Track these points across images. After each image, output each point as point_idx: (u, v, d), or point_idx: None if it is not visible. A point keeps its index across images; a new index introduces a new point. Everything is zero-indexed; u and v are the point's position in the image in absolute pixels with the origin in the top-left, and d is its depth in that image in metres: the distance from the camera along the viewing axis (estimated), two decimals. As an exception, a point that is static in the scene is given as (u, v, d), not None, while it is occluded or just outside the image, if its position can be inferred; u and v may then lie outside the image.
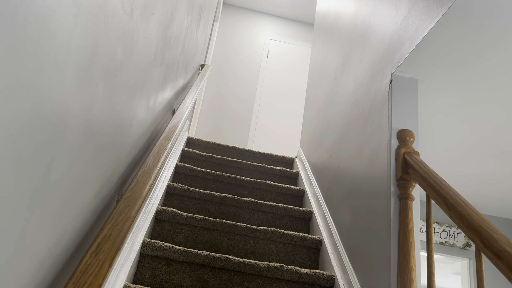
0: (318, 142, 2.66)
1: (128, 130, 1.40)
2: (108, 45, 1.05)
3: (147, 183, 1.32)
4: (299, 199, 2.55)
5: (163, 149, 1.61)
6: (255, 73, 5.13)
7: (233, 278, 1.63)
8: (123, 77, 1.23)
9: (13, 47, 0.62)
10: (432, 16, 1.30)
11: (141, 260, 1.60)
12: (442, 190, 1.14)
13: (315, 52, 3.52)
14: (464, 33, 1.32)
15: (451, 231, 3.31)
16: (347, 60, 2.30)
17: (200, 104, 4.40)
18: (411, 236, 1.27)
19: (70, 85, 0.85)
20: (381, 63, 1.70)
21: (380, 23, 1.82)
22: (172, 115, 2.32)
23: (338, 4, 2.89)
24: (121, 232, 1.06)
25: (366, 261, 1.47)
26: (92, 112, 1.01)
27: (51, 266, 0.92)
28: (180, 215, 1.89)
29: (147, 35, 1.43)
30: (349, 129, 1.99)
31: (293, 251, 1.93)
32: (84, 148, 1.00)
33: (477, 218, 0.97)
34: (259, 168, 2.78)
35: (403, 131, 1.44)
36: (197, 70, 3.27)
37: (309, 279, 1.66)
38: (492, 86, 1.57)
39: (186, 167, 2.44)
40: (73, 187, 0.97)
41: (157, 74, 1.72)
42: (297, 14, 5.41)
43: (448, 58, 1.44)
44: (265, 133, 4.82)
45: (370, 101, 1.74)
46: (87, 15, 0.88)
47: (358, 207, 1.66)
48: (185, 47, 2.41)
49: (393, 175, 1.40)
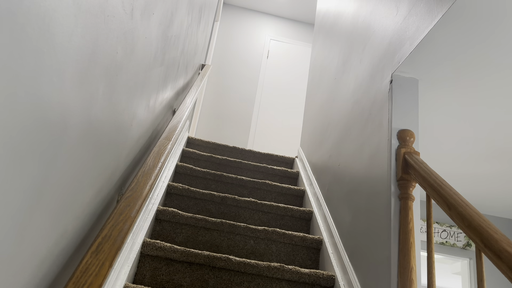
0: (319, 142, 2.66)
1: (128, 130, 1.40)
2: (109, 45, 1.05)
3: (148, 183, 1.32)
4: (299, 199, 2.55)
5: (164, 149, 1.61)
6: (255, 73, 5.13)
7: (234, 278, 1.63)
8: (123, 77, 1.23)
9: (14, 47, 0.62)
10: (433, 16, 1.29)
11: (141, 260, 1.60)
12: (443, 190, 1.14)
13: (316, 52, 3.52)
14: (464, 33, 1.32)
15: (452, 231, 3.31)
16: (347, 60, 2.30)
17: (200, 104, 4.39)
18: (412, 236, 1.27)
19: (70, 85, 0.85)
20: (381, 63, 1.70)
21: (380, 23, 1.82)
22: (173, 115, 2.32)
23: (338, 4, 2.89)
24: (121, 232, 1.06)
25: (367, 261, 1.47)
26: (92, 112, 1.01)
27: (52, 266, 0.92)
28: (180, 215, 1.89)
29: (148, 35, 1.43)
30: (350, 129, 1.99)
31: (293, 251, 1.93)
32: (84, 148, 1.00)
33: (477, 218, 0.97)
34: (259, 168, 2.78)
35: (403, 131, 1.44)
36: (197, 70, 3.27)
37: (310, 279, 1.66)
38: (492, 86, 1.57)
39: (186, 167, 2.45)
40: (73, 187, 0.97)
41: (157, 74, 1.72)
42: (298, 14, 5.41)
43: (448, 58, 1.44)
44: (265, 133, 4.82)
45: (371, 101, 1.74)
46: (87, 15, 0.88)
47: (358, 207, 1.66)
48: (186, 47, 2.41)
49: (393, 175, 1.40)
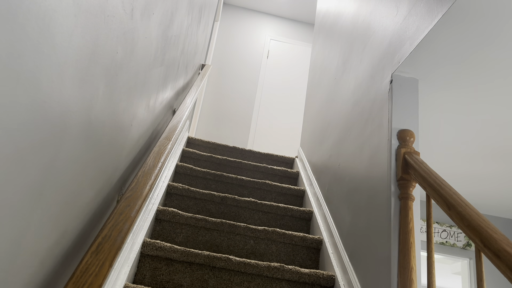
0: (319, 142, 2.66)
1: (128, 130, 1.40)
2: (109, 45, 1.05)
3: (148, 183, 1.33)
4: (299, 199, 2.55)
5: (164, 149, 1.61)
6: (255, 73, 5.13)
7: (234, 278, 1.63)
8: (123, 77, 1.23)
9: (14, 47, 0.62)
10: (433, 16, 1.29)
11: (141, 260, 1.60)
12: (442, 190, 1.14)
13: (316, 52, 3.52)
14: (464, 32, 1.32)
15: (451, 231, 3.31)
16: (347, 60, 2.30)
17: (200, 104, 4.40)
18: (412, 236, 1.27)
19: (70, 85, 0.85)
20: (381, 63, 1.70)
21: (380, 23, 1.82)
22: (173, 115, 2.32)
23: (338, 4, 2.89)
24: (121, 232, 1.06)
25: (367, 261, 1.47)
26: (92, 112, 1.01)
27: (52, 265, 0.92)
28: (180, 215, 1.89)
29: (148, 35, 1.43)
30: (350, 129, 1.99)
31: (293, 251, 1.93)
32: (84, 148, 1.00)
33: (477, 218, 0.97)
34: (259, 168, 2.78)
35: (403, 131, 1.44)
36: (197, 70, 3.27)
37: (310, 279, 1.66)
38: (492, 86, 1.57)
39: (186, 167, 2.45)
40: (73, 187, 0.97)
41: (157, 74, 1.72)
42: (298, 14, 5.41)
43: (448, 58, 1.44)
44: (265, 133, 4.82)
45: (371, 101, 1.74)
46: (87, 15, 0.88)
47: (358, 207, 1.66)
48: (186, 47, 2.41)
49: (393, 175, 1.40)
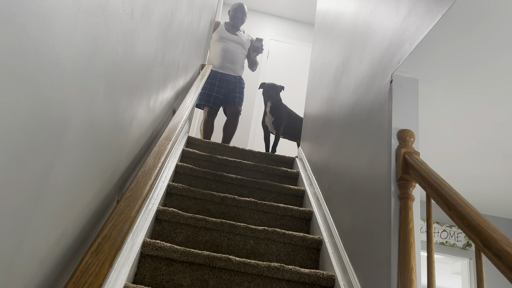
0: (319, 142, 2.66)
1: (128, 130, 1.40)
2: (109, 45, 1.05)
3: (148, 183, 1.32)
4: (299, 199, 2.55)
5: (164, 149, 1.61)
6: (255, 73, 5.13)
7: (234, 278, 1.63)
8: (123, 77, 1.23)
9: (14, 47, 0.62)
10: (433, 16, 1.29)
11: (141, 260, 1.60)
12: (442, 190, 1.14)
13: (316, 52, 3.52)
14: (464, 33, 1.32)
15: (452, 231, 3.31)
16: (347, 60, 2.30)
17: (200, 104, 4.38)
18: (412, 236, 1.27)
19: (70, 85, 0.85)
20: (381, 63, 1.70)
21: (380, 23, 1.82)
22: (173, 115, 2.32)
23: (338, 4, 2.89)
24: (121, 232, 1.06)
25: (367, 261, 1.47)
26: (92, 112, 1.01)
27: (52, 266, 0.92)
28: (180, 215, 1.89)
29: (148, 35, 1.43)
30: (350, 128, 1.99)
31: (293, 251, 1.93)
32: (85, 148, 1.00)
33: (477, 218, 0.97)
34: (259, 168, 2.78)
35: (403, 131, 1.44)
36: (197, 70, 3.27)
37: (310, 279, 1.66)
38: (493, 86, 1.57)
39: (186, 167, 2.45)
40: (73, 187, 0.97)
41: (157, 74, 1.72)
42: (298, 14, 5.41)
43: (448, 58, 1.44)
44: (265, 133, 4.81)
45: (371, 101, 1.74)
46: (87, 15, 0.88)
47: (358, 207, 1.66)
48: (186, 47, 2.41)
49: (393, 175, 1.40)
